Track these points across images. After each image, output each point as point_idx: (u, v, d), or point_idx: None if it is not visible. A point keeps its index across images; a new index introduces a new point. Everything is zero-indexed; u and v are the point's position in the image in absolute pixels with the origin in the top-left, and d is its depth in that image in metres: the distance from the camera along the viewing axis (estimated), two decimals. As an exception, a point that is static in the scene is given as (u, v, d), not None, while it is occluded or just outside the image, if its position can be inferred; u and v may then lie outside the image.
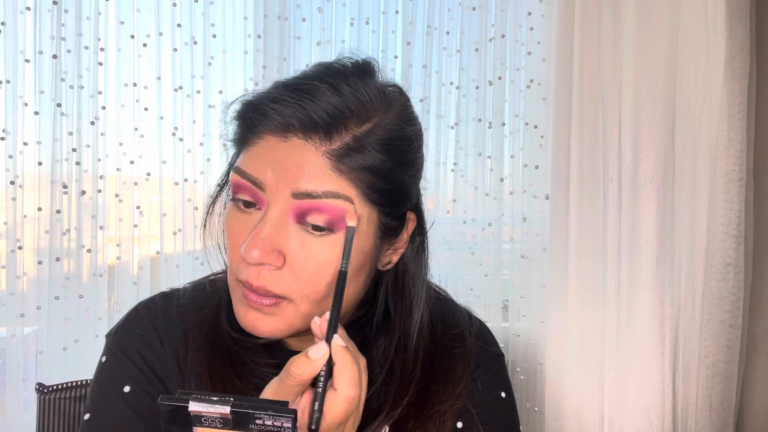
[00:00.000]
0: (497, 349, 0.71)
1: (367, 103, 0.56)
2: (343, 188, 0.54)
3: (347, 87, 0.56)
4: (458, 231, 1.68)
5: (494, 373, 0.69)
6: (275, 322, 0.56)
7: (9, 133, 1.47)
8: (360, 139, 0.54)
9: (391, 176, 0.57)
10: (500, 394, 0.68)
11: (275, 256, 0.54)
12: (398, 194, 0.58)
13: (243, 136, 0.58)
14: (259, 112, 0.55)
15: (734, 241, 1.39)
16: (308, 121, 0.54)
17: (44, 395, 1.02)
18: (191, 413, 0.41)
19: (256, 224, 0.55)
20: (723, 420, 1.43)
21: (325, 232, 0.54)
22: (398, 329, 0.63)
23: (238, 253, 0.55)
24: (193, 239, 1.58)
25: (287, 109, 0.54)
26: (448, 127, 1.66)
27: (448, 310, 0.71)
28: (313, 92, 0.54)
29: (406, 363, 0.63)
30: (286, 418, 0.40)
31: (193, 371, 0.62)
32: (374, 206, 0.56)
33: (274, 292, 0.55)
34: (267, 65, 1.59)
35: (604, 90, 1.49)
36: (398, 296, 0.64)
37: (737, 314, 1.41)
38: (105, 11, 1.53)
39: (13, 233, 1.48)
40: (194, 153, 1.58)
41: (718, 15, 1.37)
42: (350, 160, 0.54)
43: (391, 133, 0.56)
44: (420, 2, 1.64)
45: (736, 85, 1.37)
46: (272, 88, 0.58)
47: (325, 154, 0.54)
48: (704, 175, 1.40)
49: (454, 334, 0.68)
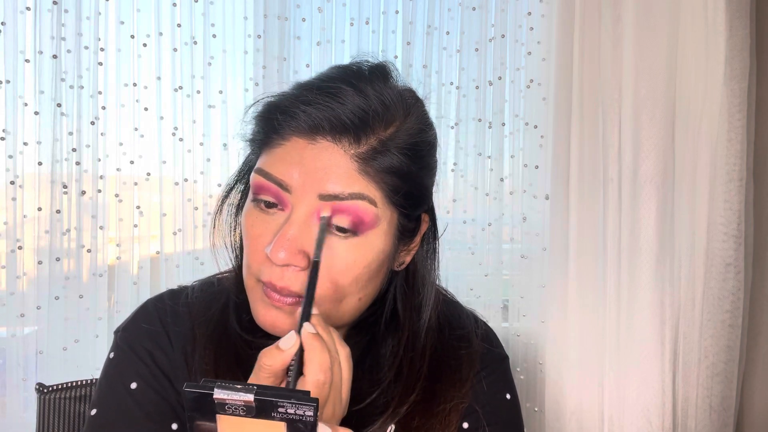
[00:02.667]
0: (502, 351, 0.72)
1: (391, 107, 0.57)
2: (368, 190, 0.55)
3: (372, 90, 0.57)
4: (458, 231, 1.68)
5: (499, 374, 0.70)
6: (296, 322, 0.56)
7: (9, 133, 1.47)
8: (385, 142, 0.56)
9: (413, 179, 0.58)
10: (505, 396, 0.69)
11: (301, 257, 0.54)
12: (418, 196, 0.60)
13: (265, 138, 0.58)
14: (287, 114, 0.56)
15: (734, 241, 1.39)
16: (338, 124, 0.54)
17: (44, 395, 1.02)
18: (215, 400, 0.42)
19: (279, 226, 0.55)
20: (723, 420, 1.43)
21: (349, 233, 0.55)
22: (407, 328, 0.64)
23: (260, 253, 0.56)
24: (193, 239, 1.58)
25: (317, 111, 0.55)
26: (448, 127, 1.66)
27: (455, 312, 0.72)
28: (340, 95, 0.55)
29: (414, 361, 0.63)
30: (307, 407, 0.41)
31: (200, 369, 0.62)
32: (395, 208, 0.58)
33: (297, 293, 0.55)
34: (267, 65, 1.59)
35: (604, 90, 1.49)
36: (408, 296, 0.65)
37: (737, 314, 1.41)
38: (105, 11, 1.53)
39: (13, 233, 1.48)
40: (194, 153, 1.57)
41: (718, 15, 1.37)
42: (376, 163, 0.55)
43: (414, 137, 0.58)
44: (420, 2, 1.64)
45: (736, 85, 1.37)
46: (297, 90, 0.58)
47: (353, 157, 0.55)
48: (704, 175, 1.40)
49: (461, 335, 0.69)
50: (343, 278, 0.56)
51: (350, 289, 0.57)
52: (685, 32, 1.43)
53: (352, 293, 0.58)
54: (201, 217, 1.58)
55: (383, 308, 0.65)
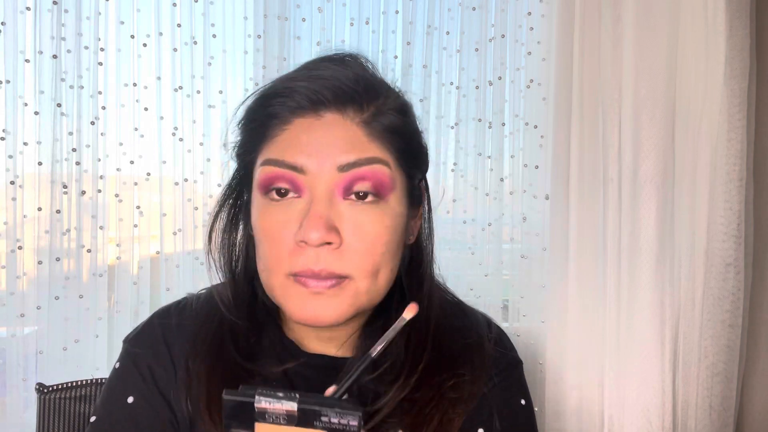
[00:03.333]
0: (516, 355, 0.71)
1: (377, 77, 0.60)
2: (381, 153, 0.56)
3: (355, 65, 0.59)
4: (458, 231, 1.68)
5: (514, 380, 0.68)
6: (339, 305, 0.55)
7: (9, 133, 1.47)
8: (380, 106, 0.57)
9: (411, 137, 0.60)
10: (520, 402, 0.67)
11: (334, 234, 0.54)
12: (418, 156, 0.62)
13: (262, 132, 0.57)
14: (285, 96, 0.56)
15: (734, 241, 1.39)
16: (342, 93, 0.55)
17: (44, 395, 1.02)
18: (256, 409, 0.41)
19: (301, 211, 0.55)
20: (723, 420, 1.43)
21: (373, 199, 0.55)
22: (414, 301, 0.63)
23: (286, 244, 0.55)
24: (193, 239, 1.58)
25: (317, 84, 0.55)
26: (448, 127, 1.66)
27: (457, 307, 0.70)
28: (334, 69, 0.56)
29: (419, 333, 0.62)
30: (352, 416, 0.40)
31: (197, 392, 0.61)
32: (403, 171, 0.59)
33: (336, 273, 0.54)
34: (267, 65, 1.59)
35: (604, 90, 1.49)
36: (412, 268, 0.65)
37: (737, 314, 1.41)
38: (105, 11, 1.53)
39: (13, 233, 1.48)
40: (194, 153, 1.57)
41: (718, 15, 1.37)
42: (380, 125, 0.56)
43: (399, 100, 0.60)
44: (420, 2, 1.64)
45: (736, 85, 1.37)
46: (284, 78, 0.58)
47: (360, 124, 0.56)
48: (704, 175, 1.40)
49: (461, 326, 0.68)
50: (377, 247, 0.55)
51: (384, 258, 0.56)
52: (685, 32, 1.43)
53: (385, 264, 0.57)
54: (201, 217, 1.58)
55: (393, 287, 0.64)
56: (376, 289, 0.57)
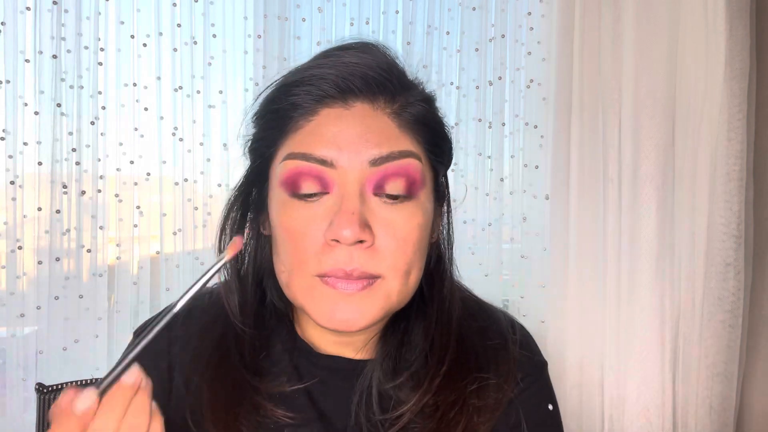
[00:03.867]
0: (541, 358, 0.67)
1: (401, 67, 0.57)
2: (413, 146, 0.53)
3: (381, 53, 0.56)
4: (458, 231, 1.66)
5: (541, 384, 0.65)
6: (371, 307, 0.52)
7: (9, 133, 1.47)
8: (410, 96, 0.54)
9: (439, 128, 0.58)
10: (548, 407, 0.64)
11: (368, 231, 0.50)
12: (444, 149, 0.59)
13: (284, 124, 0.53)
14: (309, 84, 0.52)
15: (734, 241, 1.39)
16: (373, 82, 0.52)
17: (44, 395, 1.02)
18: None
19: (330, 208, 0.51)
20: (723, 420, 1.43)
21: (403, 199, 0.52)
22: (436, 300, 0.61)
23: (315, 244, 0.51)
24: (193, 239, 1.58)
25: (343, 72, 0.52)
26: (448, 127, 1.66)
27: (479, 307, 0.68)
28: (356, 57, 0.53)
29: (442, 334, 0.60)
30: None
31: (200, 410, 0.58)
32: (431, 165, 0.56)
33: (369, 272, 0.51)
34: (267, 65, 1.59)
35: (604, 90, 1.49)
36: (432, 267, 0.62)
37: (737, 314, 1.41)
38: (105, 11, 1.53)
39: (13, 233, 1.48)
40: (194, 153, 1.57)
41: (718, 15, 1.37)
42: (410, 116, 0.54)
43: (425, 90, 0.57)
44: (420, 2, 1.64)
45: (736, 85, 1.37)
46: (304, 65, 0.55)
47: (390, 115, 0.53)
48: (704, 175, 1.40)
49: (484, 327, 0.65)
50: (410, 246, 0.52)
51: (415, 257, 0.53)
52: (685, 32, 1.43)
53: (416, 263, 0.54)
54: (201, 217, 1.58)
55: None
56: (407, 289, 0.54)
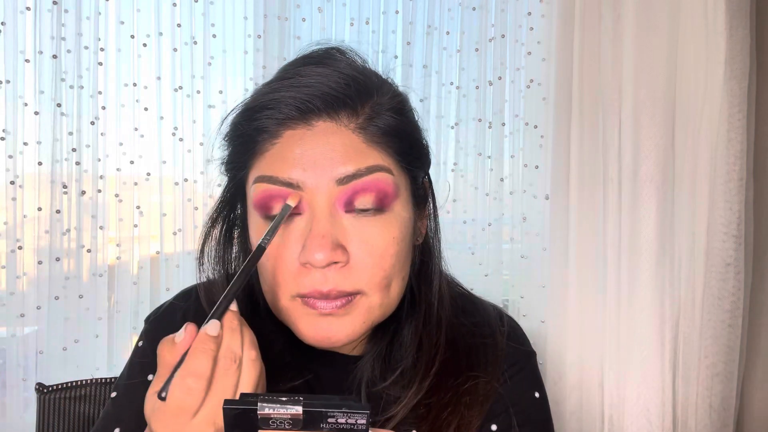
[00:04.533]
0: (529, 347, 0.69)
1: (366, 72, 0.56)
2: (382, 159, 0.53)
3: (343, 63, 0.55)
4: (458, 231, 1.68)
5: (527, 372, 0.66)
6: (352, 323, 0.53)
7: (9, 133, 1.47)
8: (375, 106, 0.54)
9: (410, 135, 0.57)
10: (534, 394, 0.66)
11: (341, 252, 0.51)
12: (419, 155, 0.58)
13: (250, 148, 0.54)
14: (271, 108, 0.52)
15: (734, 241, 1.39)
16: (332, 98, 0.51)
17: (44, 395, 1.02)
18: (259, 416, 0.39)
19: (302, 229, 0.52)
20: (723, 420, 1.43)
21: (374, 212, 0.52)
22: (424, 302, 0.61)
23: (291, 267, 0.52)
24: (193, 239, 1.58)
25: (304, 92, 0.51)
26: (448, 127, 1.66)
27: (468, 301, 0.69)
28: (319, 73, 0.52)
29: (431, 335, 0.60)
30: (360, 415, 0.39)
31: None
32: (405, 172, 0.56)
33: (346, 291, 0.52)
34: (267, 65, 1.59)
35: (604, 90, 1.49)
36: (420, 268, 0.62)
37: (737, 314, 1.40)
38: (105, 11, 1.53)
39: (13, 233, 1.48)
40: (194, 153, 1.57)
41: (718, 15, 1.37)
42: (376, 129, 0.53)
43: (395, 95, 0.56)
44: (420, 2, 1.64)
45: (736, 85, 1.37)
46: (266, 88, 0.54)
47: (355, 130, 0.52)
48: (704, 175, 1.40)
49: (475, 323, 0.66)
50: (387, 261, 0.53)
51: (394, 270, 0.54)
52: (685, 32, 1.43)
53: (396, 274, 0.55)
54: (201, 217, 1.58)
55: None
56: (389, 301, 0.55)
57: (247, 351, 0.46)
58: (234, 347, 0.46)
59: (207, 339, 0.45)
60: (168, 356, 0.45)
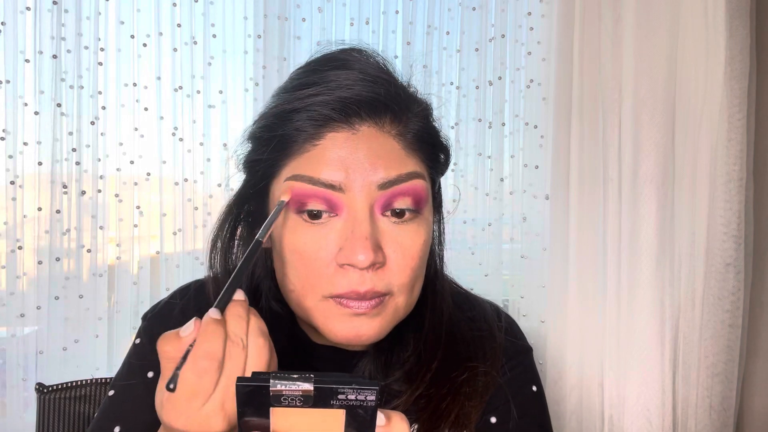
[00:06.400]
0: (526, 343, 0.71)
1: (398, 77, 0.57)
2: (419, 167, 0.55)
3: (377, 67, 0.56)
4: (458, 231, 1.68)
5: (525, 367, 0.68)
6: (380, 323, 0.54)
7: (9, 133, 1.47)
8: (412, 115, 0.55)
9: (437, 140, 0.58)
10: (531, 388, 0.67)
11: (381, 254, 0.52)
12: (444, 160, 0.60)
13: (288, 146, 0.54)
14: (312, 110, 0.53)
15: (734, 241, 1.39)
16: (379, 105, 0.53)
17: (44, 395, 1.02)
18: (271, 392, 0.40)
19: (340, 231, 0.52)
20: (723, 420, 1.43)
21: (409, 216, 0.54)
22: (429, 303, 0.63)
23: (324, 268, 0.53)
24: (193, 239, 1.58)
25: (348, 93, 0.52)
26: (448, 127, 1.66)
27: (466, 299, 0.71)
28: (361, 80, 0.53)
29: (433, 331, 0.62)
30: (369, 391, 0.39)
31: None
32: (430, 178, 0.58)
33: (381, 292, 0.53)
34: (267, 65, 1.59)
35: (604, 90, 1.49)
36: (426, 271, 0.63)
37: (737, 314, 1.41)
38: (105, 11, 1.53)
39: (13, 233, 1.48)
40: (194, 153, 1.57)
41: (718, 15, 1.37)
42: (413, 136, 0.55)
43: (424, 103, 0.58)
44: (420, 2, 1.64)
45: (736, 85, 1.37)
46: (302, 90, 0.55)
47: (396, 136, 0.54)
48: (704, 175, 1.40)
49: (472, 317, 0.68)
50: (415, 261, 0.54)
51: (420, 271, 0.56)
52: (685, 32, 1.43)
53: (419, 275, 0.56)
54: (201, 217, 1.58)
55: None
56: (411, 301, 0.57)
57: (254, 337, 0.47)
58: (239, 332, 0.46)
59: (214, 322, 0.45)
60: (171, 350, 0.45)
